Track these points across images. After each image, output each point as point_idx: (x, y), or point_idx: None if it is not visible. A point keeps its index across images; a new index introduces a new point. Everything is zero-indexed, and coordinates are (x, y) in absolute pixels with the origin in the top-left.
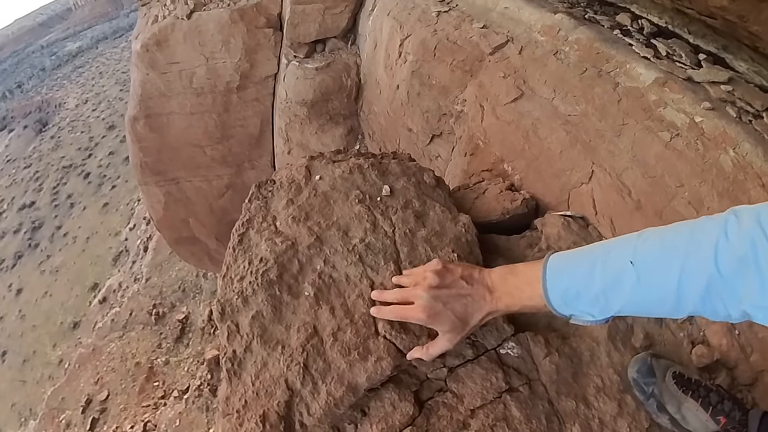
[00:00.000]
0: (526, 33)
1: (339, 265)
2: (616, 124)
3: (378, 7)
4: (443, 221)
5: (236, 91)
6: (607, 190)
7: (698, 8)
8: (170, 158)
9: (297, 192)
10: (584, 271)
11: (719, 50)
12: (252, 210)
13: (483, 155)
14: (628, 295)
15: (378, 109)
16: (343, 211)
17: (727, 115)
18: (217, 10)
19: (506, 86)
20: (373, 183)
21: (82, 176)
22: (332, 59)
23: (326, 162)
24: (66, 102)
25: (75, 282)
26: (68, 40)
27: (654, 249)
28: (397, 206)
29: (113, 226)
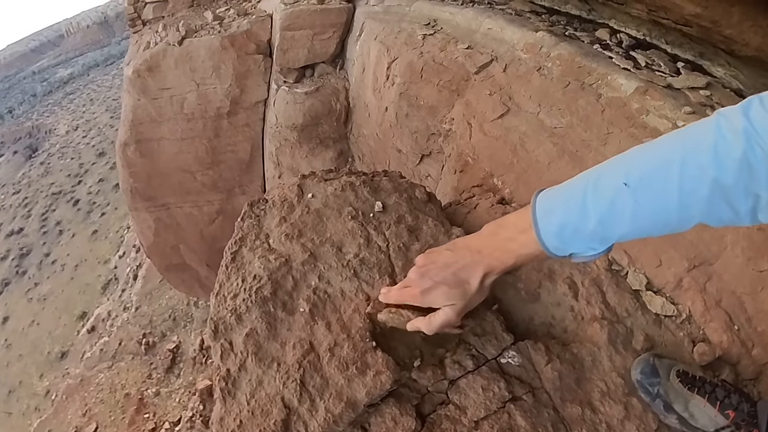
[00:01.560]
0: (510, 51)
1: (334, 281)
2: (601, 133)
3: (365, 32)
4: (436, 234)
5: (227, 116)
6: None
7: (674, 17)
8: (160, 184)
9: (290, 210)
10: (576, 204)
11: (696, 57)
12: (245, 228)
13: (473, 171)
14: (628, 220)
15: (367, 132)
16: (337, 227)
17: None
18: (208, 37)
19: (492, 103)
20: (366, 200)
21: (71, 203)
22: (321, 84)
23: (318, 180)
24: (56, 128)
25: (63, 310)
26: (60, 67)
27: (647, 164)
28: (390, 221)
29: (102, 253)
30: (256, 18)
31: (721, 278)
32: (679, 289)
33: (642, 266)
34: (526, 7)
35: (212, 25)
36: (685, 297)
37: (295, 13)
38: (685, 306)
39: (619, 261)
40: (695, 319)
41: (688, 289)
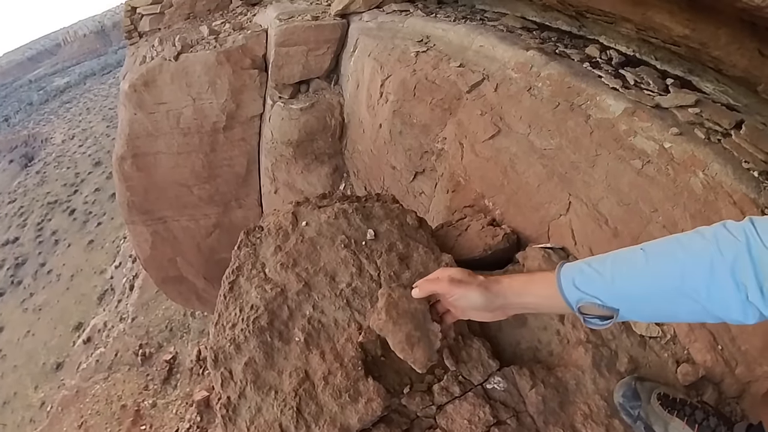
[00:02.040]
0: (501, 70)
1: (327, 310)
2: (590, 155)
3: (359, 49)
4: (427, 262)
5: (223, 131)
6: (584, 220)
7: (662, 37)
8: (157, 197)
9: (285, 238)
10: (597, 260)
11: (686, 73)
12: (241, 257)
13: (464, 192)
14: (638, 273)
15: (362, 148)
16: (330, 256)
17: (696, 137)
18: (204, 52)
19: (484, 123)
20: (358, 227)
21: (67, 212)
22: (316, 99)
23: (312, 207)
24: (53, 137)
25: (58, 321)
26: (56, 76)
27: (660, 242)
28: (382, 249)
29: (98, 264)
30: (252, 33)
31: None
32: None
33: None
34: (517, 23)
35: (208, 40)
36: None
37: (289, 29)
38: (669, 327)
39: None
40: (680, 340)
41: None
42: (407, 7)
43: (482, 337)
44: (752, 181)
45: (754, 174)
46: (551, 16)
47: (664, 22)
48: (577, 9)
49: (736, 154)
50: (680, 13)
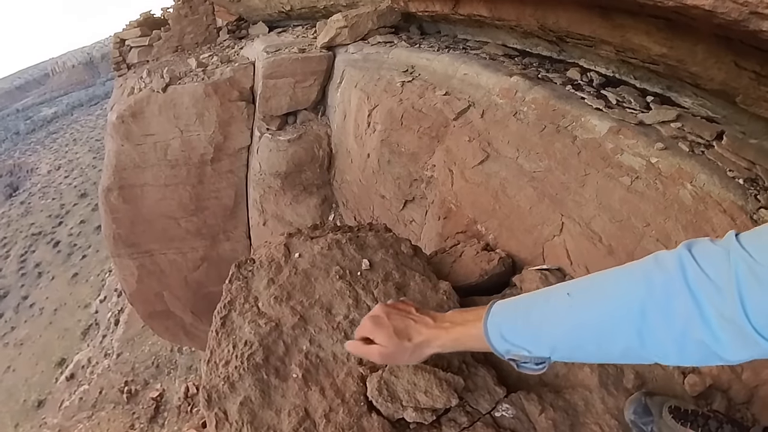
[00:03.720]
0: (486, 97)
1: (325, 344)
2: (579, 175)
3: (345, 80)
4: (424, 290)
5: (210, 163)
6: (578, 239)
7: (641, 57)
8: (144, 230)
9: (277, 271)
10: (524, 306)
11: (665, 90)
12: (233, 291)
13: (456, 218)
14: (562, 321)
15: (350, 178)
16: (325, 288)
17: (681, 151)
18: (192, 84)
19: (472, 149)
20: (352, 257)
21: (51, 244)
22: (304, 131)
23: (304, 239)
24: (38, 167)
25: (40, 356)
26: (44, 105)
27: (587, 280)
28: (378, 279)
29: (83, 297)
30: (239, 65)
31: None
32: None
33: None
34: (499, 50)
35: (196, 72)
36: None
37: (277, 62)
38: None
39: None
40: None
41: None
42: (391, 38)
43: (486, 364)
44: (738, 189)
45: (740, 182)
46: (531, 42)
47: (642, 42)
48: (557, 34)
49: (720, 164)
50: (657, 33)
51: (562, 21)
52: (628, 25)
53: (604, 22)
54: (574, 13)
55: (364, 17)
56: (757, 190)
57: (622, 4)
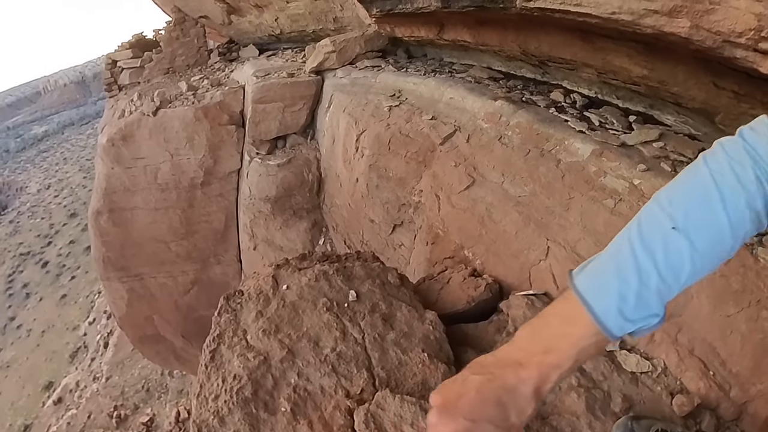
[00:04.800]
0: (472, 121)
1: (313, 377)
2: (563, 199)
3: (334, 104)
4: (410, 321)
5: (200, 186)
6: (564, 263)
7: (622, 79)
8: (134, 254)
9: (265, 303)
10: (629, 267)
11: (647, 108)
12: (222, 324)
13: (443, 243)
14: (687, 261)
15: (340, 202)
16: (313, 320)
17: (663, 171)
18: (182, 108)
19: (458, 175)
20: (339, 289)
21: (39, 265)
22: (293, 155)
23: (292, 270)
24: (28, 186)
25: (27, 380)
26: (35, 124)
27: (687, 206)
28: (365, 311)
29: (71, 319)
30: (229, 89)
31: (691, 328)
32: (652, 344)
33: None
34: (484, 74)
35: (186, 96)
36: (658, 350)
37: (266, 87)
38: (659, 359)
39: None
40: (671, 371)
41: (661, 343)
42: (379, 62)
43: None
44: None
45: None
46: (515, 65)
47: (623, 65)
48: (539, 58)
49: None
50: (638, 55)
51: (544, 46)
52: (609, 48)
53: (585, 45)
54: (555, 37)
55: (352, 42)
56: None
57: (603, 30)
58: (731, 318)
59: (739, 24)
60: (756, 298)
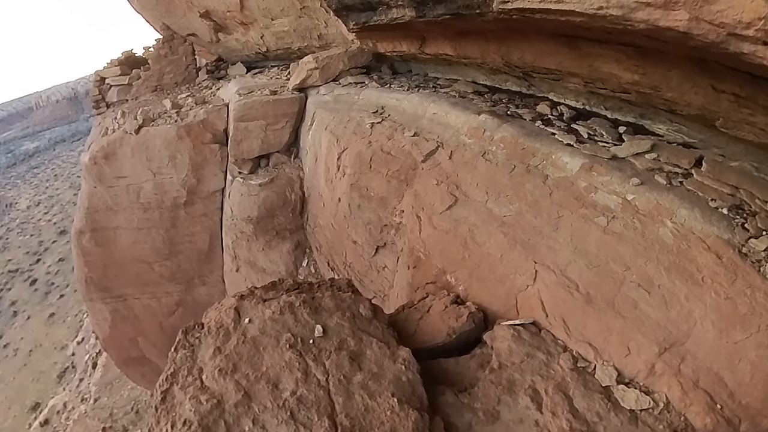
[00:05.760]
0: (455, 137)
1: (269, 424)
2: (552, 218)
3: (316, 122)
4: (381, 360)
5: (183, 206)
6: (553, 288)
7: (611, 87)
8: (116, 274)
9: (225, 338)
10: None
11: (638, 118)
12: (177, 361)
13: (425, 267)
14: None
15: (323, 222)
16: (274, 359)
17: (657, 184)
18: (164, 126)
19: (440, 194)
20: (305, 323)
21: (28, 282)
22: (276, 174)
23: (257, 301)
24: (18, 202)
25: (13, 400)
26: (26, 139)
27: None
28: (331, 348)
29: (59, 338)
30: (213, 107)
31: (696, 356)
32: (653, 376)
33: (610, 358)
34: (469, 88)
35: (170, 114)
36: (660, 383)
37: (248, 104)
38: (661, 394)
39: (585, 356)
40: (674, 406)
41: (663, 375)
42: (363, 78)
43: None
44: (723, 220)
45: (723, 211)
46: (500, 78)
47: (612, 71)
48: (523, 70)
49: (701, 193)
50: (628, 60)
51: (528, 55)
52: (596, 53)
53: (570, 52)
54: (539, 46)
55: (335, 58)
56: (743, 217)
57: (589, 31)
58: (739, 345)
59: (745, 13)
60: (766, 321)
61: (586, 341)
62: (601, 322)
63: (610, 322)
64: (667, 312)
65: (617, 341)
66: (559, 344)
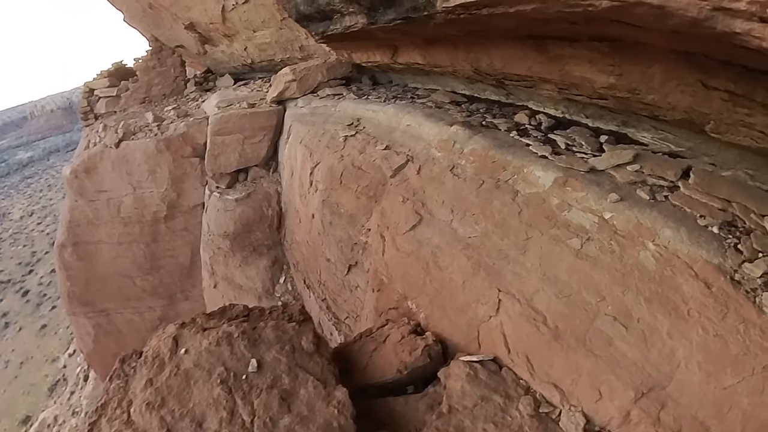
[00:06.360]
0: (425, 150)
1: None
2: (520, 239)
3: (292, 135)
4: (314, 401)
5: (164, 220)
6: (517, 321)
7: (586, 92)
8: (99, 288)
9: (159, 370)
10: None
11: (620, 127)
12: (110, 392)
13: (388, 292)
14: None
15: (299, 239)
16: (203, 394)
17: (639, 200)
18: (144, 140)
19: (405, 212)
20: (241, 356)
21: (20, 293)
22: (253, 189)
23: (196, 330)
24: (11, 212)
25: (4, 413)
26: (20, 149)
27: None
28: (263, 386)
29: (51, 351)
30: (194, 120)
31: (678, 403)
32: (628, 425)
33: (578, 402)
34: (446, 98)
35: (151, 127)
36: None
37: (224, 118)
38: None
39: (550, 399)
40: None
41: (639, 423)
42: (341, 90)
43: None
44: (713, 241)
45: (713, 230)
46: (479, 87)
47: (584, 74)
48: (495, 77)
49: (688, 209)
50: (602, 59)
51: (496, 61)
52: (567, 55)
53: (539, 55)
54: (507, 50)
55: (313, 70)
56: (736, 236)
57: (551, 27)
58: (730, 390)
59: None
60: (761, 363)
61: (551, 382)
62: (570, 360)
63: (580, 361)
64: (647, 351)
65: (587, 383)
66: (521, 385)
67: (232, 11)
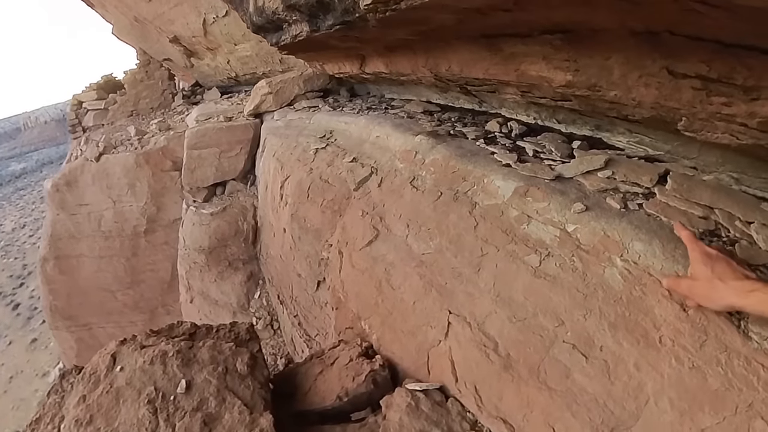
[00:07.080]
0: (390, 161)
1: None
2: (474, 256)
3: (266, 148)
4: (236, 428)
5: (144, 234)
6: (467, 347)
7: (548, 94)
8: (80, 302)
9: (94, 386)
10: None
11: (594, 131)
12: (46, 407)
13: (344, 311)
14: None
15: (273, 253)
16: (129, 414)
17: (608, 209)
18: (124, 154)
19: (363, 227)
20: (173, 376)
21: (10, 307)
22: (229, 203)
23: (134, 348)
24: (2, 224)
25: None
26: (13, 160)
27: None
28: (188, 408)
29: (41, 365)
30: (174, 134)
31: None
32: None
33: None
34: (420, 107)
35: (132, 141)
36: None
37: (201, 132)
38: None
39: None
40: None
41: None
42: (317, 102)
43: None
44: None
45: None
46: (452, 96)
47: (540, 72)
48: (457, 84)
49: (664, 218)
50: (556, 54)
51: (454, 66)
52: (520, 52)
53: (494, 56)
54: (463, 54)
55: (290, 82)
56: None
57: (497, 23)
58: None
59: None
60: (746, 400)
61: (500, 417)
62: (521, 394)
63: (533, 395)
64: (610, 385)
65: (540, 420)
66: (468, 419)
67: (213, 24)
